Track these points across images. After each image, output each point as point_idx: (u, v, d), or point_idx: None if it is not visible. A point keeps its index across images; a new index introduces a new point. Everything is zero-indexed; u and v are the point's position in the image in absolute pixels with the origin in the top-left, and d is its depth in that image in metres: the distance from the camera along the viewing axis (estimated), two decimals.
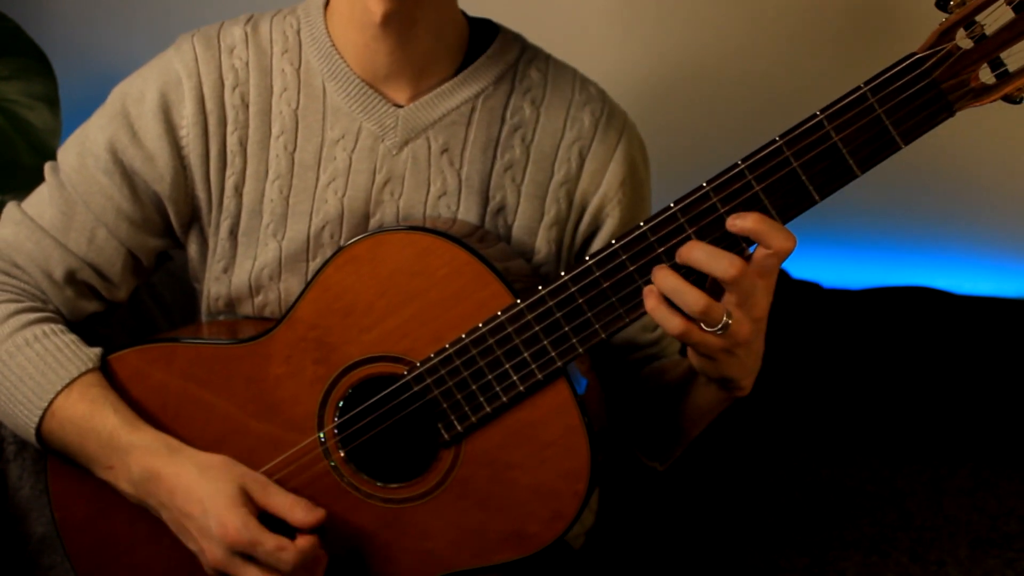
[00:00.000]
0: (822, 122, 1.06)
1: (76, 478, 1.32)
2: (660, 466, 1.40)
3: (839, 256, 2.20)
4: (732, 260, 1.07)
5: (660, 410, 1.33)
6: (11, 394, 1.29)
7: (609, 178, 1.35)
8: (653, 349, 1.40)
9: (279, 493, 1.23)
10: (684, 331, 1.10)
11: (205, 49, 1.32)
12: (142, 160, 1.32)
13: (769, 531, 1.78)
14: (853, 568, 1.69)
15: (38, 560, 1.44)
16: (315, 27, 1.33)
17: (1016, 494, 1.83)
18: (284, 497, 1.22)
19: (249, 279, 1.34)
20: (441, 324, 1.20)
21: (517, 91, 1.34)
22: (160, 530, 1.30)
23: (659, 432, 1.35)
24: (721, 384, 1.19)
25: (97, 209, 1.33)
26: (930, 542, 1.73)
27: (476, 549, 1.24)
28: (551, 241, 1.35)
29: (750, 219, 1.07)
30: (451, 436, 1.22)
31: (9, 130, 1.90)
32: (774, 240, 1.07)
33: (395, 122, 1.32)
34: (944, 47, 1.03)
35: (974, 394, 1.99)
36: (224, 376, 1.28)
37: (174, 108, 1.31)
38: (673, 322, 1.09)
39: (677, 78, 2.15)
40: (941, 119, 1.05)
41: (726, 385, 1.19)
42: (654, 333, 1.40)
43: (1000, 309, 2.05)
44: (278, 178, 1.32)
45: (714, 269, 1.08)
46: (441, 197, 1.32)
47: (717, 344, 1.10)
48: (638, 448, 1.39)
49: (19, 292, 1.33)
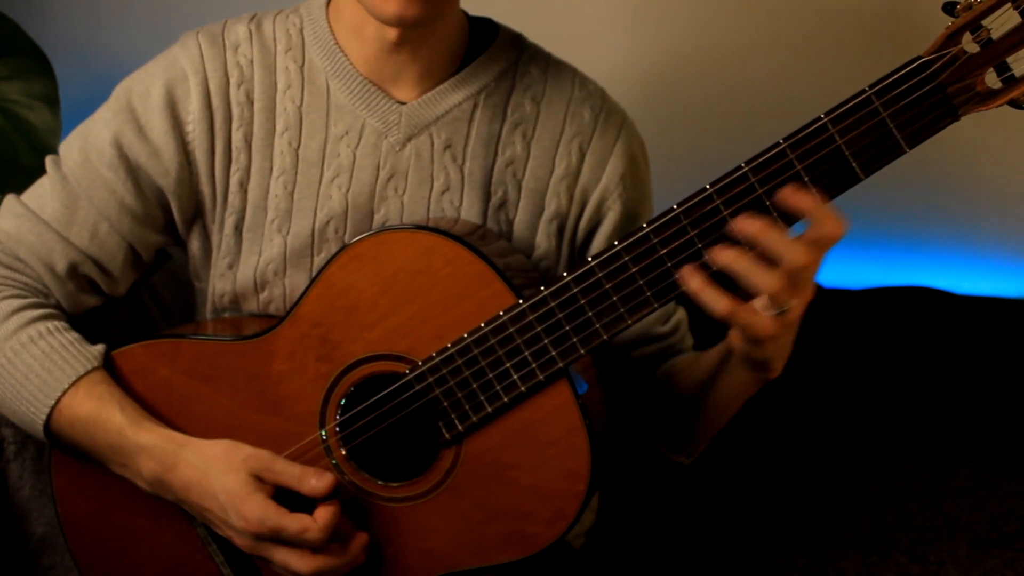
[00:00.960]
0: (826, 125, 1.06)
1: (80, 474, 1.32)
2: (686, 460, 1.40)
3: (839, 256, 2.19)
4: (799, 250, 1.05)
5: (688, 403, 1.33)
6: (17, 392, 1.29)
7: (609, 172, 1.36)
8: (669, 340, 1.40)
9: (286, 467, 1.23)
10: (730, 311, 1.08)
11: (210, 46, 1.33)
12: (147, 155, 1.32)
13: (769, 531, 1.79)
14: (853, 568, 1.69)
15: (38, 560, 1.44)
16: (318, 25, 1.34)
17: (1016, 494, 1.83)
18: (291, 470, 1.23)
19: (254, 275, 1.35)
20: (443, 323, 1.20)
21: (518, 88, 1.35)
22: (163, 525, 1.30)
23: (686, 425, 1.35)
24: (756, 366, 1.18)
25: (100, 203, 1.33)
26: (930, 542, 1.74)
27: (476, 549, 1.24)
28: (552, 235, 1.35)
29: (806, 199, 1.06)
30: (452, 435, 1.22)
31: (9, 130, 1.90)
32: (826, 224, 1.06)
33: (398, 119, 1.32)
34: (950, 51, 1.03)
35: (974, 394, 1.99)
36: (227, 372, 1.28)
37: (180, 104, 1.32)
38: (721, 303, 1.08)
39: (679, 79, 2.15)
40: (946, 123, 1.04)
41: (761, 367, 1.18)
42: (668, 324, 1.40)
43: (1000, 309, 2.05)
44: (282, 174, 1.33)
45: (786, 255, 1.05)
46: (444, 193, 1.33)
47: (770, 327, 1.09)
48: (663, 443, 1.39)
49: (22, 287, 1.33)
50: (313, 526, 1.20)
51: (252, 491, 1.21)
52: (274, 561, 1.22)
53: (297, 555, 1.21)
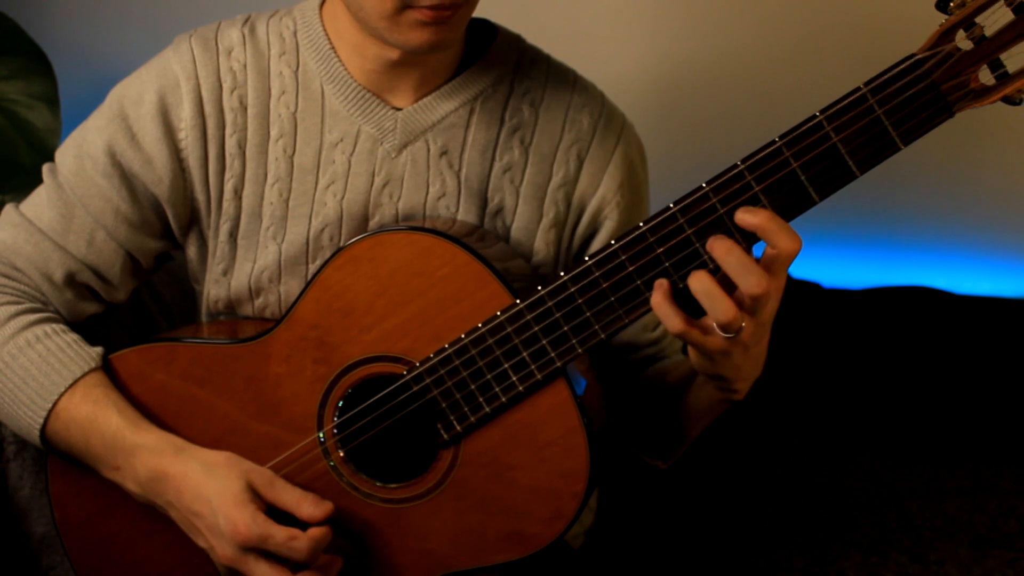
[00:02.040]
0: (822, 123, 1.06)
1: (76, 478, 1.32)
2: (663, 464, 1.40)
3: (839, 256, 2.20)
4: (760, 278, 1.05)
5: (662, 409, 1.33)
6: (15, 396, 1.29)
7: (607, 180, 1.35)
8: (654, 349, 1.40)
9: (286, 488, 1.23)
10: (684, 331, 1.09)
11: (203, 51, 1.32)
12: (140, 163, 1.32)
13: (769, 531, 1.78)
14: (853, 568, 1.69)
15: (38, 560, 1.44)
16: (312, 29, 1.33)
17: (1016, 494, 1.83)
18: (291, 492, 1.22)
19: (249, 281, 1.35)
20: (440, 324, 1.20)
21: (516, 93, 1.34)
22: (160, 529, 1.30)
23: (661, 431, 1.35)
24: (717, 385, 1.19)
25: (96, 211, 1.33)
26: (930, 542, 1.73)
27: (475, 549, 1.24)
28: (550, 243, 1.35)
29: (760, 216, 1.06)
30: (450, 436, 1.22)
31: (9, 130, 1.90)
32: (780, 240, 1.06)
33: (394, 125, 1.31)
34: (944, 48, 1.03)
35: (974, 394, 1.99)
36: (224, 376, 1.28)
37: (172, 111, 1.31)
38: (675, 321, 1.09)
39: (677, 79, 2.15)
40: (941, 120, 1.04)
41: (720, 386, 1.19)
42: (655, 332, 1.40)
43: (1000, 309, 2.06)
44: (277, 181, 1.32)
45: (742, 281, 1.06)
46: (440, 199, 1.32)
47: (718, 344, 1.10)
48: (640, 447, 1.39)
49: (19, 294, 1.33)
50: (302, 536, 1.19)
51: (246, 500, 1.20)
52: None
53: (278, 573, 1.19)
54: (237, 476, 1.22)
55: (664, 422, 1.33)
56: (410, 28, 1.19)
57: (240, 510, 1.19)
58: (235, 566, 1.21)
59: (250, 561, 1.20)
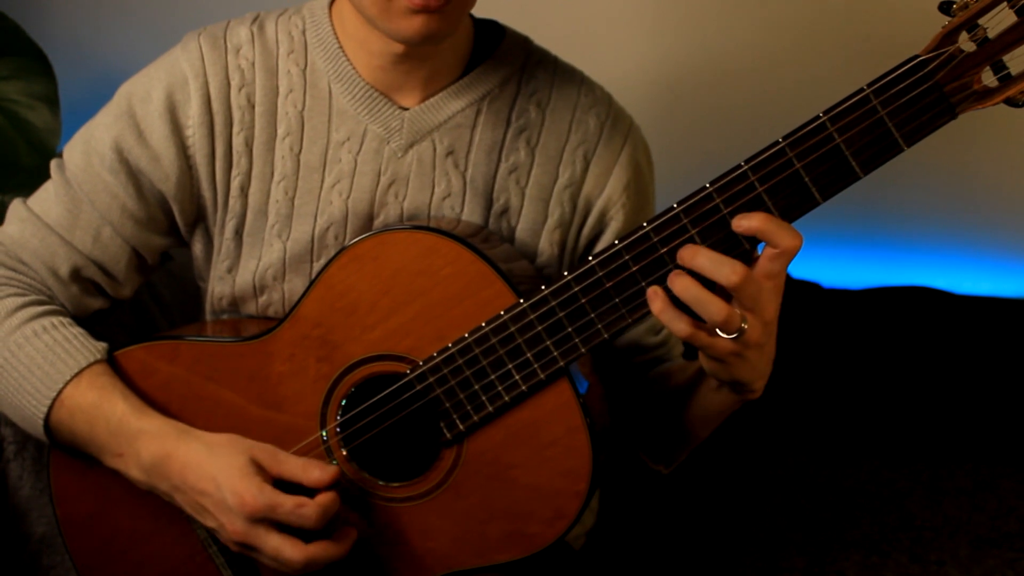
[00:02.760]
0: (825, 124, 1.06)
1: (79, 474, 1.32)
2: (664, 469, 1.40)
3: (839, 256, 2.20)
4: (734, 267, 1.07)
5: (667, 413, 1.33)
6: (19, 385, 1.29)
7: (613, 182, 1.35)
8: (659, 351, 1.40)
9: (289, 458, 1.22)
10: (691, 334, 1.10)
11: (212, 49, 1.32)
12: (148, 160, 1.32)
13: (769, 531, 1.79)
14: (853, 568, 1.69)
15: (38, 560, 1.45)
16: (321, 27, 1.33)
17: (1016, 494, 1.84)
18: (295, 461, 1.22)
19: (253, 279, 1.35)
20: (444, 323, 1.21)
21: (523, 93, 1.34)
22: (162, 528, 1.30)
23: (665, 435, 1.35)
24: (732, 387, 1.19)
25: (103, 207, 1.33)
26: (930, 542, 1.74)
27: (477, 548, 1.25)
28: (555, 244, 1.35)
29: (756, 219, 1.07)
30: (453, 435, 1.22)
31: (9, 130, 1.91)
32: (781, 239, 1.07)
33: (401, 124, 1.32)
34: (947, 50, 1.03)
35: (974, 394, 1.99)
36: (227, 374, 1.28)
37: (180, 108, 1.31)
38: (680, 325, 1.09)
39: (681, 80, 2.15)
40: (943, 121, 1.05)
41: (737, 388, 1.19)
42: (659, 335, 1.40)
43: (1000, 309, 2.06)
44: (283, 179, 1.33)
45: (717, 276, 1.07)
46: (445, 199, 1.32)
47: (728, 348, 1.10)
48: (643, 451, 1.39)
49: (25, 287, 1.34)
50: (310, 503, 1.19)
51: (251, 473, 1.20)
52: (265, 551, 1.20)
53: (289, 544, 1.19)
54: (240, 452, 1.22)
55: (669, 424, 1.33)
56: (401, 16, 1.19)
57: (246, 482, 1.19)
58: (246, 540, 1.20)
59: (261, 533, 1.20)
